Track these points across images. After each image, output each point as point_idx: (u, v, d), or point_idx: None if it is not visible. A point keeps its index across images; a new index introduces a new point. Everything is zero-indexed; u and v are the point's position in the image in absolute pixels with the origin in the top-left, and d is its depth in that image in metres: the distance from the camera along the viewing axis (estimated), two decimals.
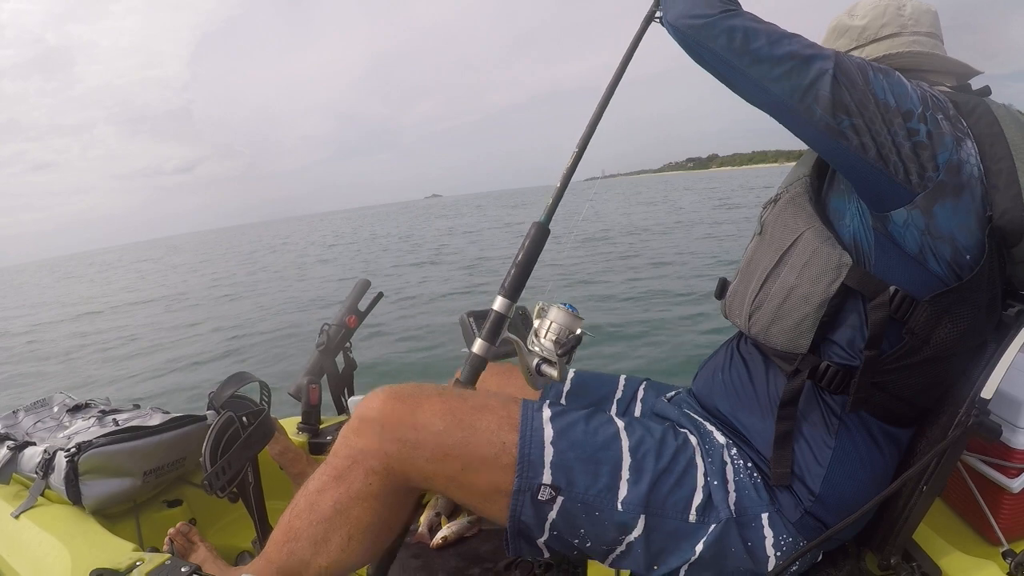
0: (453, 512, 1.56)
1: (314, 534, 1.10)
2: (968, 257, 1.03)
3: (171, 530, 1.41)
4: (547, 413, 1.14)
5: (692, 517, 1.07)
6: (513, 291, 1.29)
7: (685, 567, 1.09)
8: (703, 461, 1.12)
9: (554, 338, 1.23)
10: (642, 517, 1.06)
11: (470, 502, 1.14)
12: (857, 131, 1.01)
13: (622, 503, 1.06)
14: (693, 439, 1.16)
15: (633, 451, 1.10)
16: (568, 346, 1.23)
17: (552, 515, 1.07)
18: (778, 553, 1.07)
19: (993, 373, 1.02)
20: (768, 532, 1.08)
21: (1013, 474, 1.17)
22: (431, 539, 1.52)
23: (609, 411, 1.38)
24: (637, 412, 1.42)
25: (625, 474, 1.08)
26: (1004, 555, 1.19)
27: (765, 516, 1.08)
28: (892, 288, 1.02)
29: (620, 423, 1.16)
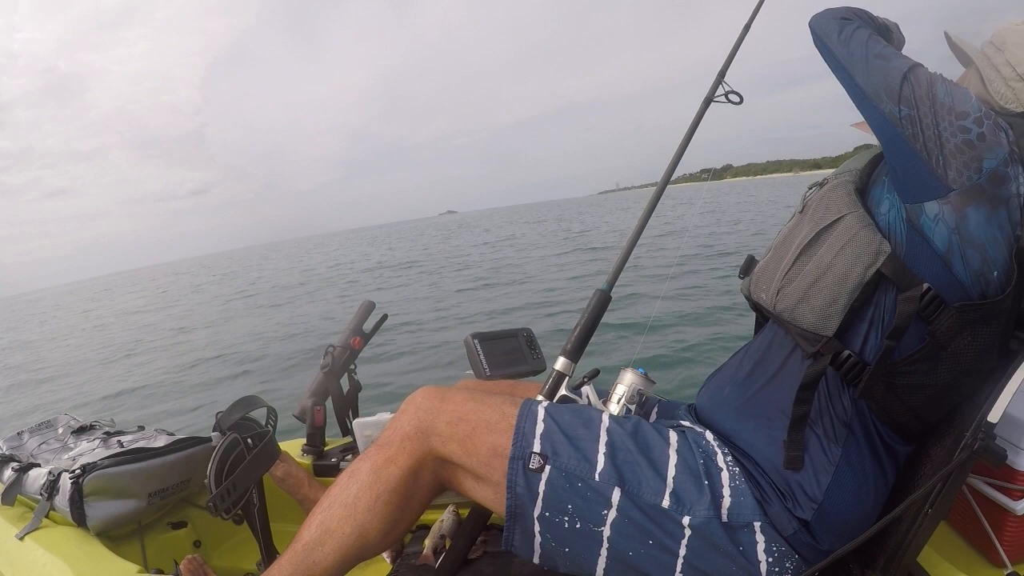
0: (456, 535, 1.56)
1: (346, 498, 1.21)
2: (995, 274, 1.05)
3: (184, 560, 1.41)
4: (545, 403, 1.28)
5: (666, 502, 1.11)
6: (574, 353, 1.40)
7: (679, 564, 1.12)
8: (677, 455, 1.17)
9: (626, 401, 1.35)
10: (617, 490, 1.13)
11: (475, 468, 1.21)
12: (911, 121, 1.09)
13: (599, 475, 1.14)
14: (673, 435, 1.21)
15: (610, 431, 1.20)
16: (637, 403, 1.36)
17: (542, 486, 1.15)
18: (770, 559, 1.11)
19: (1000, 397, 1.03)
20: (760, 538, 1.11)
21: (1017, 496, 1.17)
22: (436, 561, 1.51)
23: None
24: None
25: (602, 448, 1.17)
26: None
27: (758, 524, 1.11)
28: (925, 285, 1.05)
29: (606, 414, 1.25)
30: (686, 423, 1.31)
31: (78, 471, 1.61)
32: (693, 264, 12.38)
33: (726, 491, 1.13)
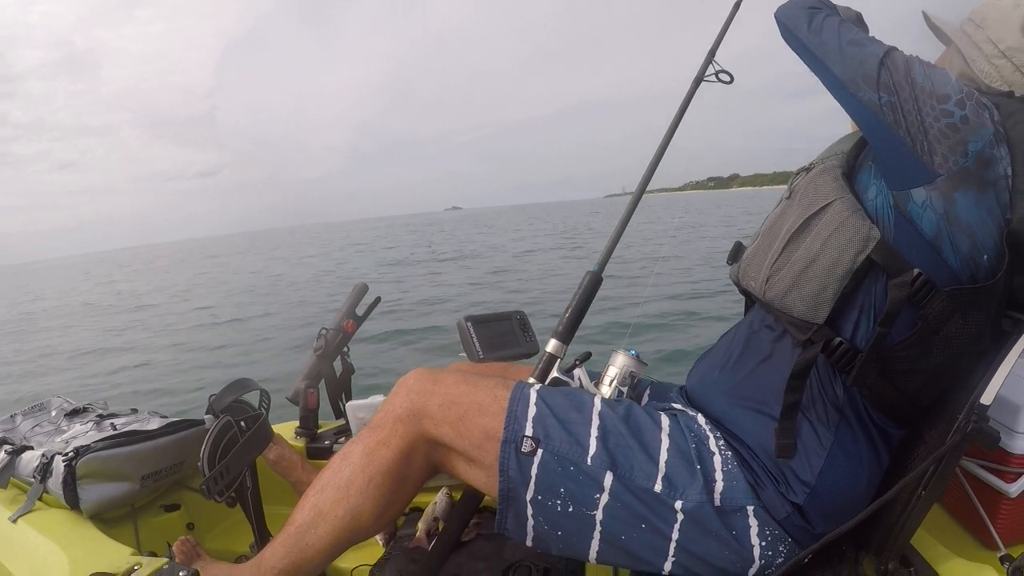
0: (449, 518, 1.56)
1: (339, 480, 1.22)
2: (985, 258, 1.04)
3: (176, 542, 1.41)
4: (537, 386, 1.27)
5: (658, 487, 1.11)
6: (566, 335, 1.38)
7: (671, 548, 1.12)
8: (669, 439, 1.17)
9: (618, 383, 1.34)
10: (609, 474, 1.13)
11: (467, 451, 1.21)
12: (892, 108, 1.07)
13: (591, 458, 1.14)
14: (665, 419, 1.21)
15: (602, 415, 1.20)
16: (629, 385, 1.35)
17: (534, 469, 1.15)
18: (763, 543, 1.11)
19: (993, 379, 1.02)
20: (753, 522, 1.11)
21: (1011, 479, 1.18)
22: (429, 544, 1.51)
23: None
24: None
25: (594, 432, 1.17)
26: (1002, 560, 1.19)
27: (751, 508, 1.11)
28: (916, 271, 1.03)
29: (598, 397, 1.25)
30: (678, 406, 1.30)
31: (71, 454, 1.60)
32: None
33: (718, 475, 1.13)
